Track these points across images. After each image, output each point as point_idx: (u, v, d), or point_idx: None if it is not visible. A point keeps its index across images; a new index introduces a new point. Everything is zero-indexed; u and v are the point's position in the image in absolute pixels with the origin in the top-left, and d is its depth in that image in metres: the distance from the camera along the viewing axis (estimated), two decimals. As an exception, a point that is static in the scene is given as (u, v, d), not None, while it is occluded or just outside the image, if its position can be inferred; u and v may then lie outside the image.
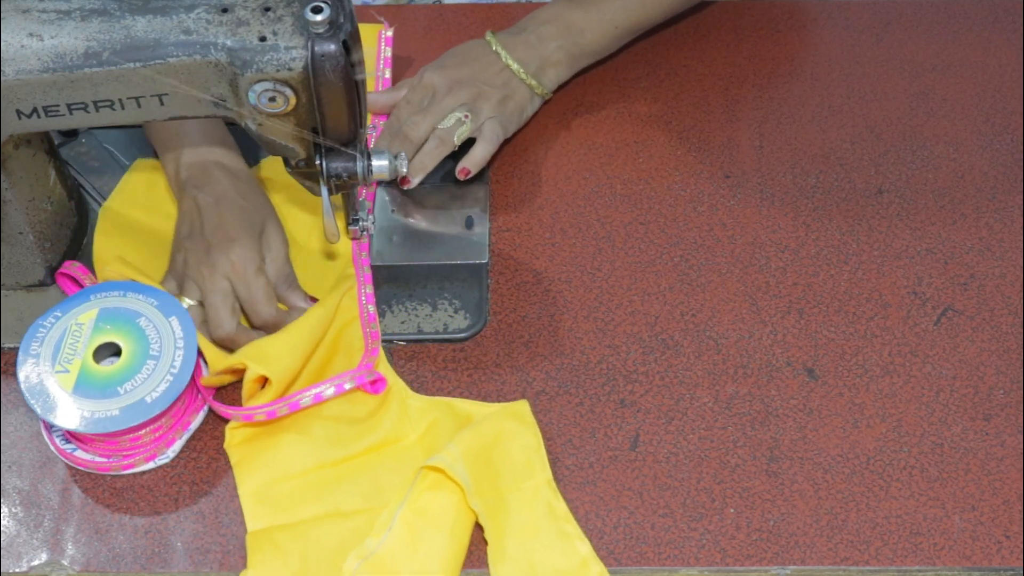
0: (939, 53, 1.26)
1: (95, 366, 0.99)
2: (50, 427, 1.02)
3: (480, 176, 1.17)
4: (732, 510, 0.98)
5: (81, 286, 1.06)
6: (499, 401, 1.04)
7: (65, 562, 0.97)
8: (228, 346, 1.04)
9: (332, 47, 0.90)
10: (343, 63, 0.90)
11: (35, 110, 0.93)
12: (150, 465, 1.01)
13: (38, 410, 0.96)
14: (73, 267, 1.07)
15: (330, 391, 1.02)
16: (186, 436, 1.02)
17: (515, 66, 1.16)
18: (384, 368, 1.05)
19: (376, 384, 1.03)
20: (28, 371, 0.98)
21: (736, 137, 1.20)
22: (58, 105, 0.93)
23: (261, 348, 1.01)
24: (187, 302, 1.04)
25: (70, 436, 1.01)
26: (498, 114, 1.15)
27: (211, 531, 0.98)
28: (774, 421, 1.03)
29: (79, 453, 1.00)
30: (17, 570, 0.96)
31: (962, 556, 0.96)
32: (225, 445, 1.02)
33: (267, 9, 0.91)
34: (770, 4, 1.30)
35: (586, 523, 0.98)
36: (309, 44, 0.90)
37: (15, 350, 1.06)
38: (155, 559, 0.97)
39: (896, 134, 1.20)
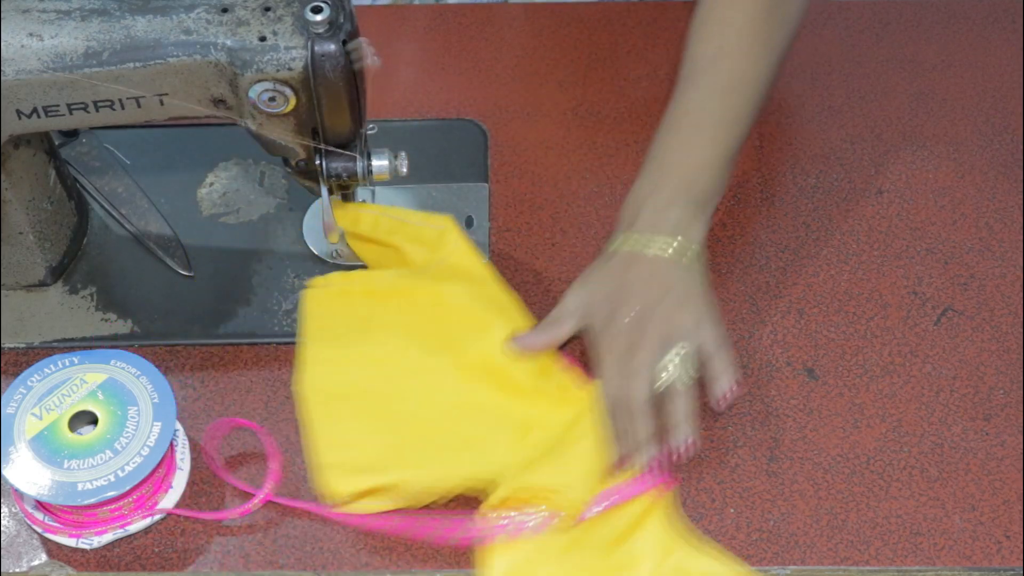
0: (939, 53, 1.26)
1: (63, 428, 0.94)
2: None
3: (480, 176, 1.17)
4: (732, 510, 0.98)
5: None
6: None
7: (65, 562, 0.97)
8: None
9: (332, 47, 0.90)
10: (343, 63, 0.90)
11: (35, 110, 0.93)
12: (71, 542, 0.97)
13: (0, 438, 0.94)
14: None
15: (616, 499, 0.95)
16: (117, 535, 0.97)
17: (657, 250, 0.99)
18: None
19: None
20: (16, 398, 0.95)
21: (736, 137, 1.20)
22: (58, 105, 0.93)
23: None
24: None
25: None
26: (695, 325, 0.99)
27: (210, 530, 0.98)
28: (774, 421, 1.03)
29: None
30: (17, 570, 0.96)
31: (962, 556, 0.96)
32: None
33: (267, 9, 0.91)
34: (770, 4, 1.30)
35: (586, 523, 0.98)
36: (309, 44, 0.90)
37: (15, 350, 1.06)
38: (155, 559, 0.97)
39: (896, 134, 1.20)
